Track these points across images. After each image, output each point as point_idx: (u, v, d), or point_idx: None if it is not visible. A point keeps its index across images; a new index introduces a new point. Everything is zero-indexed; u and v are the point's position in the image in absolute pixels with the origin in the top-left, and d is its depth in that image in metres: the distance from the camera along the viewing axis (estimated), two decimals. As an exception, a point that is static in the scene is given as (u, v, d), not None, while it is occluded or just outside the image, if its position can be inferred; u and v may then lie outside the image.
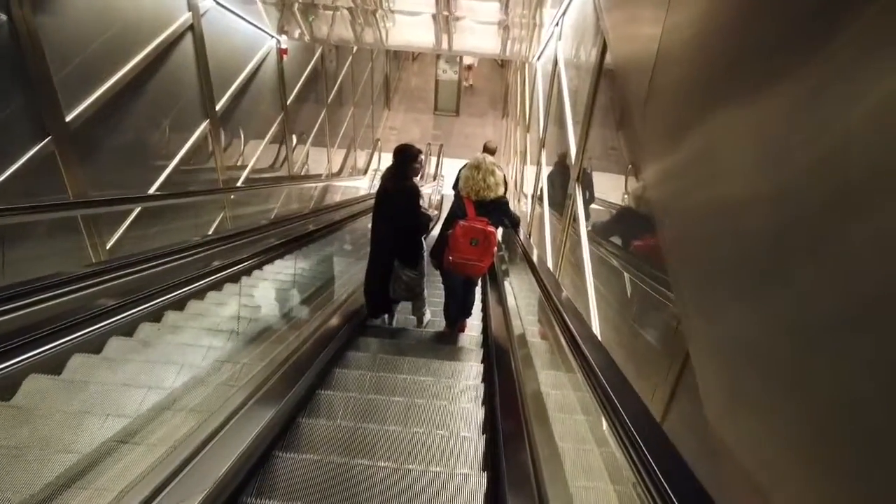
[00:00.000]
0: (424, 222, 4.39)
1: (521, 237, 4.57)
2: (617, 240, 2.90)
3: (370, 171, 14.03)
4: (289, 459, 2.58)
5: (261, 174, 7.35)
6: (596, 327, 2.89)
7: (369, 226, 4.47)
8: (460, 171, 4.37)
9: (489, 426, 3.07)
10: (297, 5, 7.06)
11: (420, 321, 4.97)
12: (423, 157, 4.45)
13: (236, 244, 3.89)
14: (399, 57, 19.18)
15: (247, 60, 6.64)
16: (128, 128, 4.39)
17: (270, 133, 7.55)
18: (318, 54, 9.30)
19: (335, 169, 11.35)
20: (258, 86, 7.07)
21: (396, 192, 4.18)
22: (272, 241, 4.14)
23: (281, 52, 7.49)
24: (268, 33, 7.16)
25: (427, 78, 18.68)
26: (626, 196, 2.76)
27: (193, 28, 5.26)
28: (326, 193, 10.65)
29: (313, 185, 9.42)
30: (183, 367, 3.17)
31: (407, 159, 4.16)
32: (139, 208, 4.55)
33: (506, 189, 4.26)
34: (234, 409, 2.54)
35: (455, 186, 4.40)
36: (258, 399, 2.71)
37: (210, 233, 5.42)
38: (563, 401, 2.51)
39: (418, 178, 4.41)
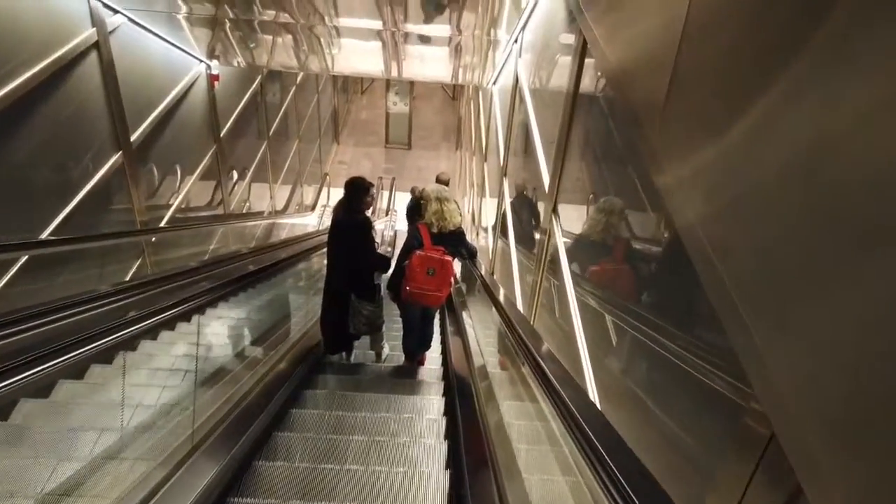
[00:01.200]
0: (383, 264, 4.31)
1: (479, 267, 4.51)
2: (621, 286, 2.26)
3: (319, 208, 13.28)
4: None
5: (192, 213, 6.55)
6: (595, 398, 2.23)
7: (320, 263, 4.30)
8: (414, 201, 4.33)
9: (452, 461, 3.02)
10: (228, 25, 6.41)
11: (379, 356, 4.85)
12: (374, 190, 4.33)
13: (159, 290, 3.45)
14: (348, 90, 18.66)
15: (170, 86, 5.91)
16: (8, 160, 3.60)
17: (201, 167, 6.78)
18: (257, 82, 8.62)
19: (280, 206, 10.58)
20: (185, 115, 6.34)
21: (348, 226, 4.12)
22: (204, 285, 3.61)
23: (212, 79, 6.79)
24: (195, 57, 6.46)
25: (377, 111, 18.20)
26: (629, 228, 2.16)
27: (99, 47, 4.52)
28: (271, 232, 9.86)
29: (254, 223, 8.62)
30: (103, 432, 2.81)
31: (358, 192, 4.09)
32: (26, 257, 3.73)
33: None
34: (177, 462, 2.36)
35: (409, 216, 4.28)
36: (207, 447, 2.56)
37: (127, 279, 4.59)
38: (526, 431, 2.46)
39: (370, 211, 4.31)
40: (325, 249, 4.42)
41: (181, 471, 2.32)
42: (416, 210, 5.57)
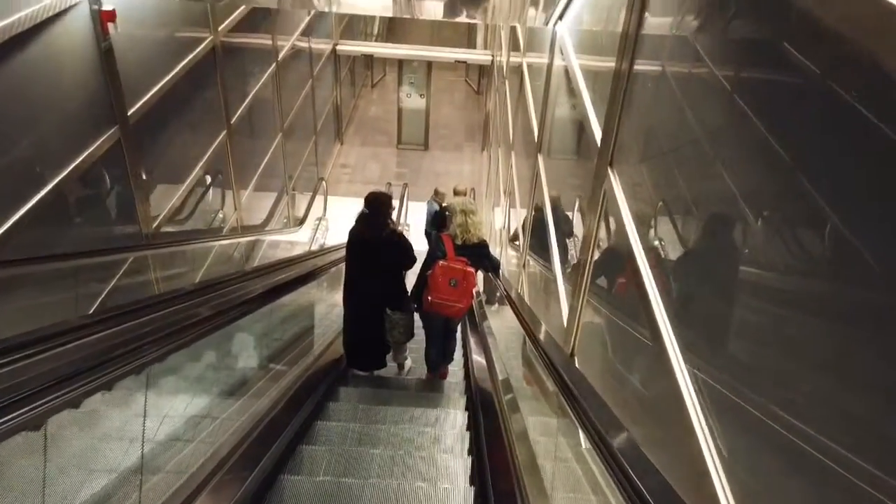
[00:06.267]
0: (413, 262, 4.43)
1: (502, 278, 4.81)
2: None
3: (312, 220, 10.63)
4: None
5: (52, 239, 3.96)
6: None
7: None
8: (440, 210, 5.11)
9: (477, 477, 3.07)
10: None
11: (401, 367, 4.97)
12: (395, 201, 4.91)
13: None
14: (355, 82, 16.09)
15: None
16: None
17: (78, 162, 4.15)
18: (206, 44, 5.97)
19: (250, 218, 7.95)
20: (46, 76, 3.75)
21: (382, 243, 4.22)
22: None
23: (104, 18, 4.17)
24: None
25: (388, 106, 15.61)
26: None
27: None
28: (234, 256, 7.27)
29: (187, 246, 5.97)
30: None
31: (383, 206, 4.27)
32: None
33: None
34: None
35: (433, 228, 5.16)
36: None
37: None
38: (553, 448, 2.54)
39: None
40: (322, 280, 4.92)
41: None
42: (437, 219, 5.80)
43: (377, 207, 4.21)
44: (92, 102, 4.30)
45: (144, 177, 5.01)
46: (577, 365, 2.87)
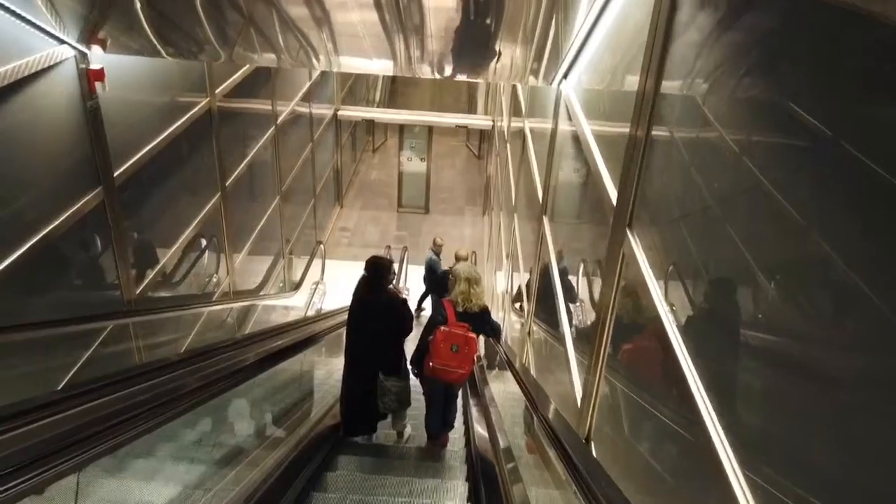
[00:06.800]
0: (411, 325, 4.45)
1: (503, 344, 4.74)
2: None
3: (309, 284, 10.33)
4: None
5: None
6: None
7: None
8: (443, 275, 5.16)
9: None
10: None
11: (400, 435, 4.91)
12: (395, 265, 5.01)
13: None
14: (356, 147, 16.18)
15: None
16: None
17: (65, 219, 3.90)
18: (203, 106, 5.85)
19: (243, 282, 7.66)
20: (26, 133, 3.56)
21: (381, 306, 4.27)
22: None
23: (91, 78, 4.02)
24: (52, 35, 3.70)
25: (390, 170, 15.62)
26: None
27: None
28: (227, 321, 6.94)
29: (172, 313, 5.64)
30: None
31: (383, 271, 4.33)
32: None
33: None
34: None
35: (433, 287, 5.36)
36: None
37: None
38: None
39: None
40: (320, 346, 5.06)
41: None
42: (435, 277, 5.93)
43: (377, 272, 4.27)
44: (75, 162, 4.10)
45: (129, 240, 4.76)
46: (594, 454, 2.52)
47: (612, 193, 2.55)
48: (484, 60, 4.82)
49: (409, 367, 4.54)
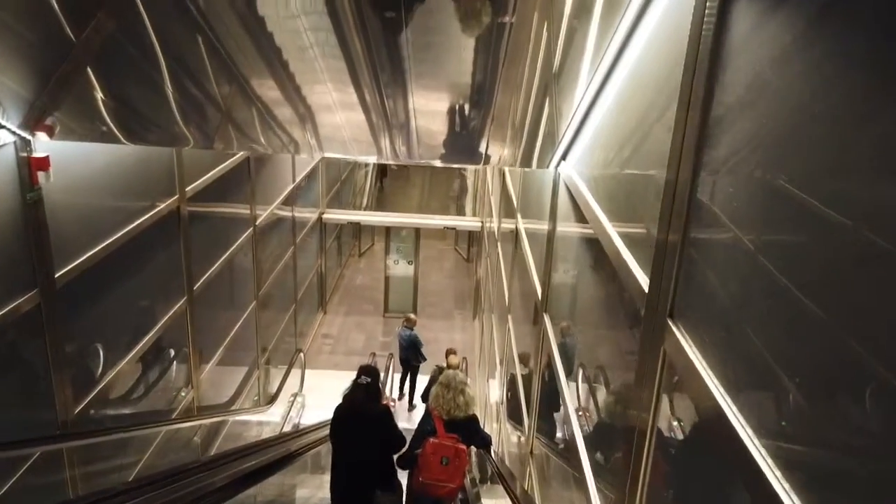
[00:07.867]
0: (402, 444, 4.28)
1: (502, 466, 4.51)
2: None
3: (287, 397, 9.49)
4: None
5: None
6: None
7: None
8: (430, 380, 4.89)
9: None
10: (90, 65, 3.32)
11: None
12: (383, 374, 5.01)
13: None
14: (342, 252, 15.85)
15: None
16: None
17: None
18: (170, 203, 5.41)
19: (212, 396, 6.89)
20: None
21: (371, 418, 4.17)
22: None
23: (33, 167, 3.58)
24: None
25: (376, 275, 15.20)
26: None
27: None
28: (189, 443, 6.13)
29: (118, 435, 4.87)
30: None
31: (378, 377, 4.36)
32: None
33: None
34: None
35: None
36: None
37: None
38: None
39: None
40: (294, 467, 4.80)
41: None
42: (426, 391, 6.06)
43: (377, 376, 4.28)
44: (7, 260, 3.55)
45: (69, 351, 4.12)
46: None
47: (642, 279, 2.04)
48: (473, 154, 4.54)
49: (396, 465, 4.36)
